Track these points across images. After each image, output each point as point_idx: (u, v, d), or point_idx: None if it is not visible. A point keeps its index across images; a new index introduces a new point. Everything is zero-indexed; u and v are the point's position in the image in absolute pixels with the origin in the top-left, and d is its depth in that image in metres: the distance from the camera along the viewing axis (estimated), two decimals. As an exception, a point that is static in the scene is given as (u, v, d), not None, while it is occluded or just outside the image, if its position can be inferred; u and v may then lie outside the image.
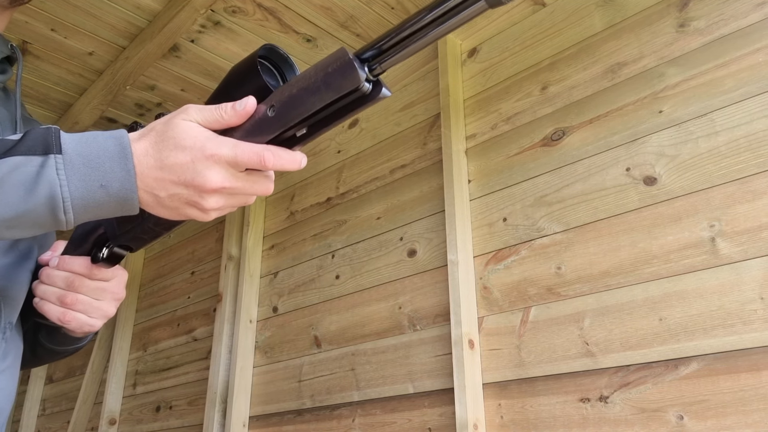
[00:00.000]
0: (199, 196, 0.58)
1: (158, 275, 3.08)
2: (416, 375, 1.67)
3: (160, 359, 2.82)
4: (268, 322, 2.24)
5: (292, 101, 0.57)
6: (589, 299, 1.38)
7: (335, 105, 0.57)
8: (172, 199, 0.58)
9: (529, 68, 1.69)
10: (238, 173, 0.58)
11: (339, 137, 2.25)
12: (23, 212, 0.55)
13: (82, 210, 0.57)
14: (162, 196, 0.58)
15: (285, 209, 2.38)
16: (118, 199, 0.57)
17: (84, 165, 0.56)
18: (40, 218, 0.56)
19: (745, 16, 1.31)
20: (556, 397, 1.37)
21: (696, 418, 1.16)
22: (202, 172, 0.57)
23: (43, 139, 0.57)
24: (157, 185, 0.57)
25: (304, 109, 0.56)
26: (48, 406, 3.67)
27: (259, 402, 2.14)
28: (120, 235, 0.69)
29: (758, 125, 1.23)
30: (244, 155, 0.57)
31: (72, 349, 0.88)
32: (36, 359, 0.90)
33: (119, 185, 0.56)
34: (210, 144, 0.57)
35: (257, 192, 0.60)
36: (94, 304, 0.75)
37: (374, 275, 1.90)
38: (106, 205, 0.57)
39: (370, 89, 0.56)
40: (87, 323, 0.75)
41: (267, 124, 0.59)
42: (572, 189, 1.48)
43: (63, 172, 0.55)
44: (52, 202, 0.55)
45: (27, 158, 0.56)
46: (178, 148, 0.57)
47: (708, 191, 1.26)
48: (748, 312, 1.15)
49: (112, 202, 0.57)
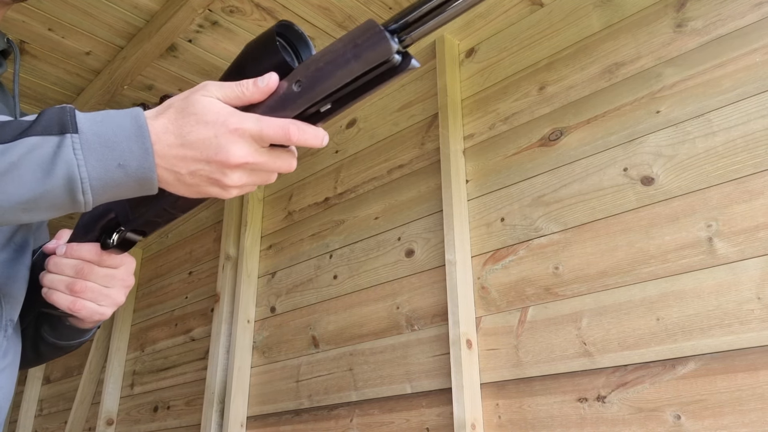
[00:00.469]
0: (221, 172, 0.56)
1: (156, 275, 3.08)
2: (414, 375, 1.67)
3: (157, 359, 2.81)
4: (265, 322, 2.24)
5: (319, 75, 0.56)
6: (587, 299, 1.38)
7: (363, 78, 0.55)
8: (193, 176, 0.57)
9: (527, 68, 1.69)
10: (261, 148, 0.57)
11: (337, 137, 2.25)
12: (41, 194, 0.54)
13: (100, 191, 0.55)
14: (183, 174, 0.57)
15: (283, 209, 2.38)
16: (137, 178, 0.56)
17: (101, 145, 0.55)
18: (58, 200, 0.55)
19: (743, 17, 1.31)
20: (553, 396, 1.37)
21: (693, 418, 1.16)
22: (226, 146, 0.55)
23: (59, 118, 0.55)
24: (178, 162, 0.56)
25: (332, 83, 0.55)
26: (45, 406, 3.66)
27: (256, 402, 2.14)
28: (133, 219, 0.68)
29: (755, 125, 1.23)
30: (270, 129, 0.56)
31: (76, 344, 0.86)
32: (38, 357, 0.88)
33: (137, 164, 0.55)
34: (233, 119, 0.56)
35: (280, 168, 0.59)
36: (104, 292, 0.73)
37: (372, 275, 1.89)
38: (124, 185, 0.56)
39: (400, 61, 0.54)
40: (97, 311, 0.73)
41: (292, 99, 0.57)
42: (570, 189, 1.49)
43: (80, 152, 0.54)
44: (70, 183, 0.54)
45: (43, 138, 0.55)
46: (200, 123, 0.56)
47: (705, 191, 1.26)
48: (745, 312, 1.15)
49: (130, 182, 0.56)
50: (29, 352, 0.87)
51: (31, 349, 0.87)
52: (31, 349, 0.87)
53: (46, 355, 0.89)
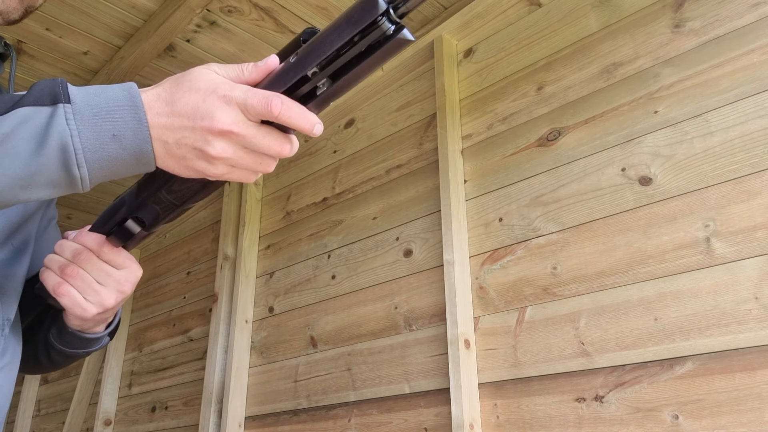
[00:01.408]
0: (204, 139, 0.55)
1: (154, 275, 3.08)
2: (412, 375, 1.67)
3: (155, 359, 2.81)
4: (264, 323, 2.24)
5: (313, 44, 0.55)
6: (585, 299, 1.38)
7: (356, 47, 0.54)
8: (179, 145, 0.55)
9: (525, 68, 1.69)
10: (249, 120, 0.55)
11: (335, 137, 2.25)
12: (36, 168, 0.53)
13: (96, 165, 0.54)
14: (170, 143, 0.55)
15: (281, 209, 2.38)
16: (132, 150, 0.55)
17: (94, 115, 0.54)
18: (54, 174, 0.54)
19: (740, 17, 1.31)
20: (551, 396, 1.38)
21: (691, 418, 1.16)
22: (211, 110, 0.54)
23: (50, 89, 0.55)
24: (166, 131, 0.55)
25: (324, 49, 0.54)
26: (43, 406, 3.65)
27: (255, 402, 2.13)
28: (135, 205, 0.66)
29: (753, 125, 1.23)
30: (254, 98, 0.54)
31: (83, 353, 0.84)
32: (52, 364, 0.87)
33: (132, 135, 0.54)
34: (223, 86, 0.55)
35: (271, 149, 0.57)
36: (93, 286, 0.71)
37: (370, 275, 1.89)
38: (120, 158, 0.55)
39: (392, 30, 0.53)
40: (80, 304, 0.71)
41: (286, 71, 0.56)
42: (568, 189, 1.49)
43: (73, 122, 0.53)
44: (64, 154, 0.53)
45: (35, 109, 0.54)
46: (191, 90, 0.55)
47: (703, 191, 1.26)
48: (743, 312, 1.15)
49: (126, 155, 0.55)
50: (43, 358, 0.86)
51: (44, 356, 0.85)
52: (44, 355, 0.85)
53: (59, 362, 0.87)
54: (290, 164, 2.42)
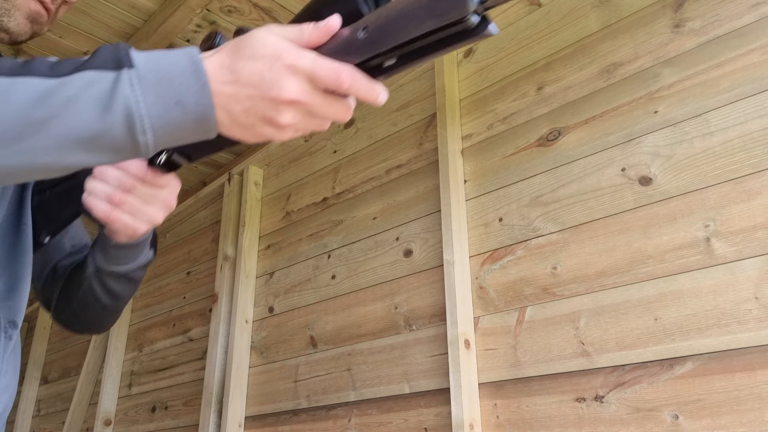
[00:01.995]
0: (275, 109, 0.55)
1: (154, 275, 3.08)
2: (412, 375, 1.67)
3: (155, 359, 2.81)
4: (263, 322, 2.24)
5: (387, 25, 0.53)
6: (585, 299, 1.38)
7: (434, 36, 0.51)
8: (247, 114, 0.55)
9: (525, 68, 1.69)
10: (315, 89, 0.55)
11: (335, 137, 2.25)
12: (100, 132, 0.52)
13: (160, 131, 0.54)
14: (237, 112, 0.55)
15: (281, 209, 2.38)
16: (195, 116, 0.54)
17: (157, 81, 0.53)
18: (118, 140, 0.53)
19: (740, 17, 1.31)
20: (551, 396, 1.38)
21: (691, 418, 1.16)
22: (279, 81, 0.54)
23: (113, 54, 0.54)
24: (231, 101, 0.55)
25: (400, 36, 0.52)
26: (43, 406, 3.65)
27: (254, 402, 2.13)
28: None
29: (753, 125, 1.23)
30: (322, 70, 0.54)
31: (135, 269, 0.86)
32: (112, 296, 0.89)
33: (195, 100, 0.54)
34: (288, 54, 0.54)
35: (334, 115, 0.57)
36: (142, 208, 0.73)
37: (370, 275, 1.89)
38: (183, 125, 0.54)
39: (477, 23, 0.50)
40: (132, 226, 0.73)
41: (355, 46, 0.55)
42: (568, 189, 1.49)
43: (138, 87, 0.53)
44: (129, 121, 0.52)
45: (99, 74, 0.53)
46: (254, 57, 0.54)
47: (703, 191, 1.26)
48: (743, 312, 1.15)
49: (189, 122, 0.54)
50: (100, 293, 0.88)
51: (101, 290, 0.87)
52: (101, 288, 0.87)
53: (118, 291, 0.89)
54: (290, 164, 2.42)
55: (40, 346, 3.88)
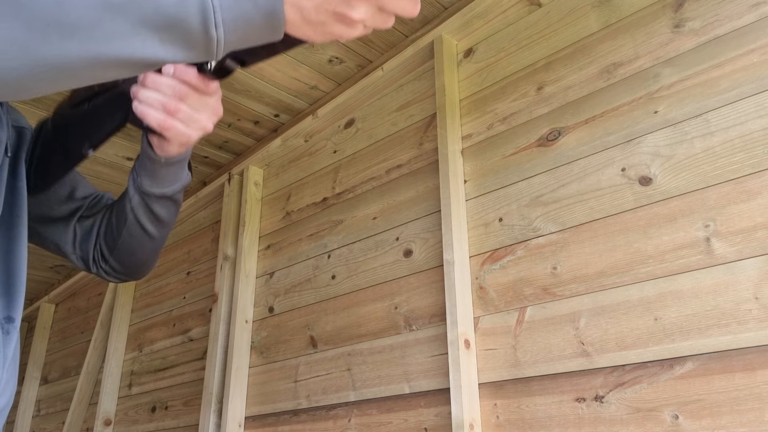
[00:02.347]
0: (347, 4, 0.55)
1: (154, 275, 3.08)
2: (412, 375, 1.67)
3: (155, 359, 2.81)
4: (263, 323, 2.24)
5: None
6: (585, 299, 1.38)
7: None
8: (318, 11, 0.55)
9: (525, 68, 1.69)
10: None
11: (335, 137, 2.25)
12: (176, 20, 0.52)
13: (231, 25, 0.54)
14: (309, 8, 0.55)
15: (281, 209, 2.38)
16: (265, 12, 0.54)
17: None
18: (192, 31, 0.53)
19: (740, 17, 1.31)
20: (551, 396, 1.38)
21: (691, 418, 1.16)
22: None
23: None
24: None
25: None
26: (43, 406, 3.65)
27: (254, 402, 2.13)
28: None
29: (753, 126, 1.23)
30: None
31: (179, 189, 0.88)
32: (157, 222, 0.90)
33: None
34: None
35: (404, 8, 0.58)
36: (194, 116, 0.74)
37: (370, 275, 1.89)
38: (253, 21, 0.54)
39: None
40: (186, 133, 0.75)
41: None
42: (568, 189, 1.49)
43: None
44: (204, 11, 0.52)
45: None
46: None
47: (703, 191, 1.26)
48: (743, 312, 1.15)
49: (258, 18, 0.54)
50: (147, 223, 0.90)
51: (148, 218, 0.89)
52: (148, 217, 0.89)
53: (164, 216, 0.90)
54: (290, 164, 2.42)
55: (40, 346, 3.88)
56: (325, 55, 2.09)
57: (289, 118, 2.45)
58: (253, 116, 2.43)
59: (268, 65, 2.12)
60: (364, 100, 2.15)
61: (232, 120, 2.45)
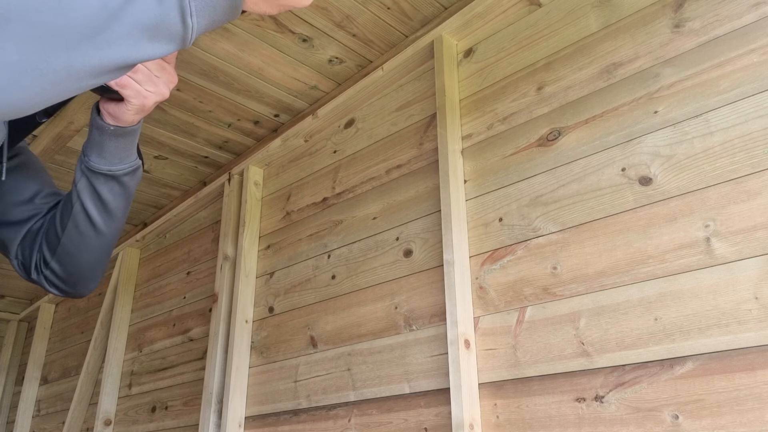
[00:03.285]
0: None
1: (154, 275, 3.08)
2: (412, 375, 1.67)
3: (155, 359, 2.81)
4: (263, 322, 2.24)
5: None
6: (585, 299, 1.38)
7: None
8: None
9: (525, 68, 1.69)
10: None
11: (335, 137, 2.25)
12: (160, 18, 0.55)
13: (202, 12, 0.58)
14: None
15: (281, 209, 2.38)
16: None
17: None
18: (173, 26, 0.57)
19: (740, 17, 1.31)
20: (551, 396, 1.38)
21: (691, 418, 1.16)
22: None
23: None
24: None
25: None
26: (43, 406, 3.65)
27: (254, 402, 2.13)
28: None
29: (753, 126, 1.23)
30: None
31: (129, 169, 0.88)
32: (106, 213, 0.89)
33: None
34: None
35: None
36: (152, 78, 0.78)
37: (370, 275, 1.89)
38: (219, 4, 0.58)
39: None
40: (141, 93, 0.78)
41: None
42: (568, 189, 1.49)
43: None
44: (180, 3, 0.56)
45: None
46: None
47: (703, 191, 1.26)
48: (743, 312, 1.15)
49: (223, 1, 0.58)
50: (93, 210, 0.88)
51: (94, 204, 0.88)
52: (94, 203, 0.88)
53: (111, 203, 0.89)
54: (290, 164, 2.42)
55: (40, 346, 3.88)
56: (325, 55, 2.09)
57: (289, 118, 2.45)
58: (253, 116, 2.43)
59: (269, 65, 2.12)
60: (364, 100, 2.15)
61: (232, 120, 2.45)
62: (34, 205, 0.94)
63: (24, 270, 0.94)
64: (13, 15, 0.47)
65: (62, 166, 2.70)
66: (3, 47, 0.47)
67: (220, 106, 2.35)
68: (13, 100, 0.50)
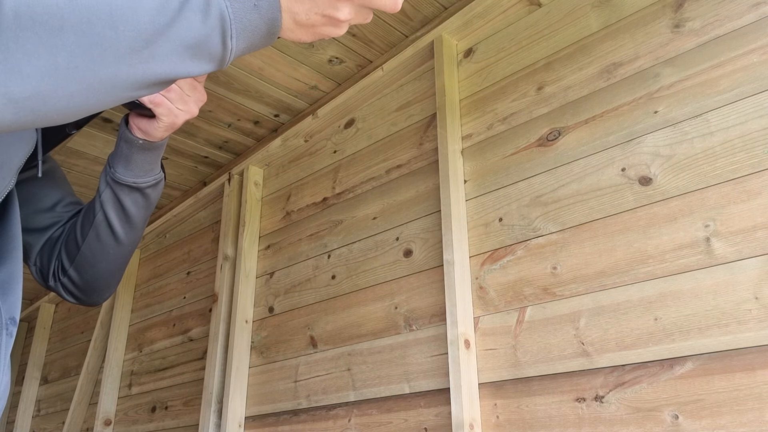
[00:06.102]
0: (333, 7, 0.61)
1: (154, 275, 3.08)
2: (412, 375, 1.67)
3: (155, 359, 2.81)
4: (263, 323, 2.24)
5: None
6: (585, 299, 1.38)
7: None
8: (309, 14, 0.61)
9: (525, 68, 1.69)
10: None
11: (335, 137, 2.25)
12: (204, 37, 0.56)
13: (241, 35, 0.59)
14: (300, 13, 0.61)
15: (281, 209, 2.38)
16: (267, 20, 0.59)
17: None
18: (214, 45, 0.57)
19: (740, 17, 1.31)
20: (551, 396, 1.38)
21: (691, 418, 1.16)
22: None
23: None
24: (295, 4, 0.60)
25: None
26: (43, 406, 3.66)
27: (254, 402, 2.13)
28: None
29: (752, 125, 1.23)
30: None
31: (153, 182, 0.90)
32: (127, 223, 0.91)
33: (267, 4, 0.58)
34: None
35: (386, 5, 0.64)
36: (184, 97, 0.80)
37: (370, 275, 1.89)
38: (257, 29, 0.59)
39: None
40: (172, 111, 0.80)
41: None
42: (568, 189, 1.49)
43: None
44: (222, 24, 0.57)
45: None
46: None
47: (703, 191, 1.26)
48: (743, 312, 1.15)
49: (262, 26, 0.59)
50: (115, 220, 0.90)
51: (116, 214, 0.90)
52: (116, 213, 0.90)
53: (133, 215, 0.91)
54: (290, 164, 2.42)
55: (40, 346, 3.88)
56: (325, 55, 2.09)
57: (289, 118, 2.45)
58: (253, 116, 2.43)
59: (269, 65, 2.12)
60: (364, 100, 2.15)
61: (232, 120, 2.45)
62: (56, 214, 0.96)
63: (41, 276, 0.96)
64: (67, 25, 0.49)
65: (62, 166, 2.70)
66: (55, 54, 0.49)
67: (220, 106, 2.35)
68: (59, 106, 0.51)
